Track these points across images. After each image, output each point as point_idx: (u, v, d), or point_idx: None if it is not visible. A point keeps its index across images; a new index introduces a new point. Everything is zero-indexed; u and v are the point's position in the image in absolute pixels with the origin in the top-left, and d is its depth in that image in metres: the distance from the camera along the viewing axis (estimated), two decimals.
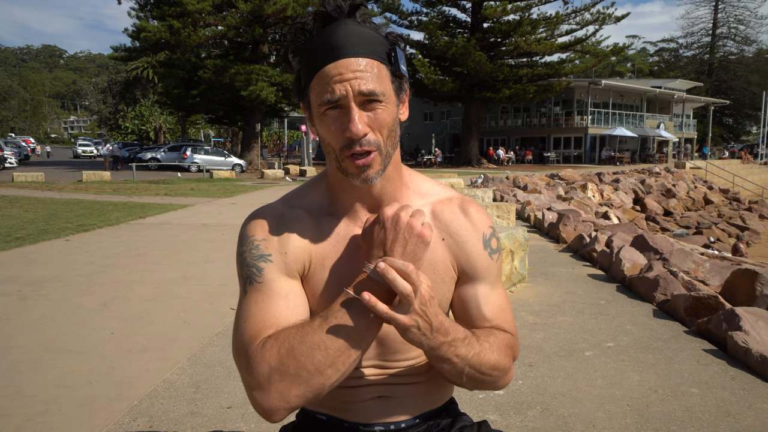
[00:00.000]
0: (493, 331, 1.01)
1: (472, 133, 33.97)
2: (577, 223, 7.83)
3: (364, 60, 0.88)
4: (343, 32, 0.88)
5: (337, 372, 0.87)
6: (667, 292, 4.25)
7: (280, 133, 57.32)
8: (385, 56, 0.91)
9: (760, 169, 34.28)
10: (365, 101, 0.88)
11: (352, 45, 0.88)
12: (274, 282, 0.95)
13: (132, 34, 27.65)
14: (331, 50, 0.88)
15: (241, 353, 0.90)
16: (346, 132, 0.88)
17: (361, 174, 0.91)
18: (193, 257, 6.20)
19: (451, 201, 1.06)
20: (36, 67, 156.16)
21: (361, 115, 0.88)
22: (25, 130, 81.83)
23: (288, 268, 0.96)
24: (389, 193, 1.00)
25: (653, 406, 2.57)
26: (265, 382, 0.86)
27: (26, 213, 10.19)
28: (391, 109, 0.92)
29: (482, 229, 1.05)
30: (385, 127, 0.91)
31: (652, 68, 71.61)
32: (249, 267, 0.96)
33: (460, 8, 32.45)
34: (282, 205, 1.04)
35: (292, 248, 0.97)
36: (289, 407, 0.87)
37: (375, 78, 0.88)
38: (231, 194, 15.05)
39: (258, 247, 0.97)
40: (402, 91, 0.96)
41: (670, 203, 19.03)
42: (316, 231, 1.00)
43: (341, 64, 0.87)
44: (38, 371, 3.00)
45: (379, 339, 1.01)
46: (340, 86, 0.87)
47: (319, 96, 0.89)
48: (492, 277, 1.05)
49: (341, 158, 0.91)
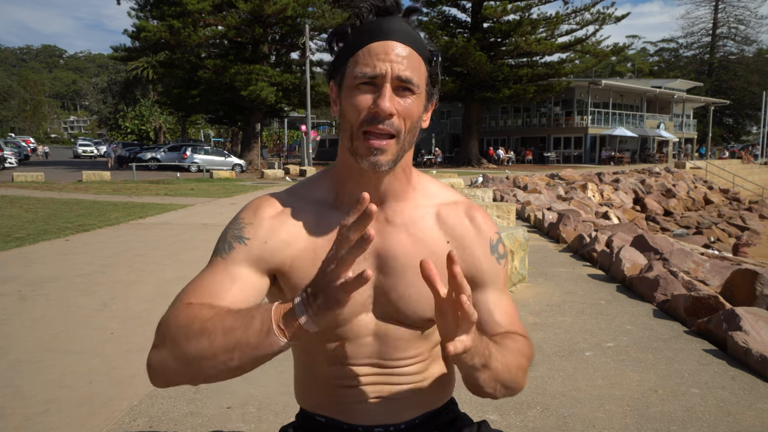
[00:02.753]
0: (508, 335, 1.01)
1: (472, 133, 33.97)
2: (577, 223, 7.83)
3: (410, 49, 0.91)
4: (397, 22, 0.92)
5: (213, 368, 0.81)
6: (667, 292, 4.25)
7: (280, 133, 57.33)
8: (426, 57, 0.94)
9: (760, 169, 34.30)
10: (400, 87, 0.90)
11: (404, 34, 0.91)
12: (236, 263, 0.94)
13: (132, 34, 27.69)
14: (383, 31, 0.90)
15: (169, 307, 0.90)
16: (373, 107, 0.89)
17: (370, 156, 0.91)
18: (193, 257, 6.20)
19: (457, 205, 1.05)
20: (36, 67, 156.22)
21: (392, 97, 0.89)
22: (25, 130, 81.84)
23: (260, 258, 0.95)
24: (395, 191, 1.00)
25: (653, 406, 2.57)
26: (160, 340, 0.86)
27: (26, 213, 10.18)
28: (419, 105, 0.93)
29: (489, 234, 1.05)
30: (410, 119, 0.92)
31: (652, 68, 71.62)
32: (223, 242, 0.98)
33: (460, 8, 32.46)
34: (286, 195, 1.04)
35: (276, 241, 0.97)
36: (165, 379, 0.85)
37: (414, 69, 0.91)
38: (231, 194, 15.05)
39: (242, 228, 0.98)
40: (431, 99, 0.97)
41: (670, 203, 19.02)
42: (313, 224, 0.99)
43: (389, 45, 0.89)
44: (38, 371, 3.00)
45: (377, 337, 1.00)
46: (382, 64, 0.88)
47: (358, 68, 0.90)
48: (500, 282, 1.05)
49: (356, 135, 0.91)
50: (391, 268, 0.98)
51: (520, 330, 1.04)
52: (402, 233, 1.00)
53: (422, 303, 0.99)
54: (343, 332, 0.99)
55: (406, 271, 0.98)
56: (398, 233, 0.99)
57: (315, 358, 1.04)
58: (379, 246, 0.99)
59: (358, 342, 1.00)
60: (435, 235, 1.01)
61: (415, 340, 1.03)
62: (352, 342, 1.00)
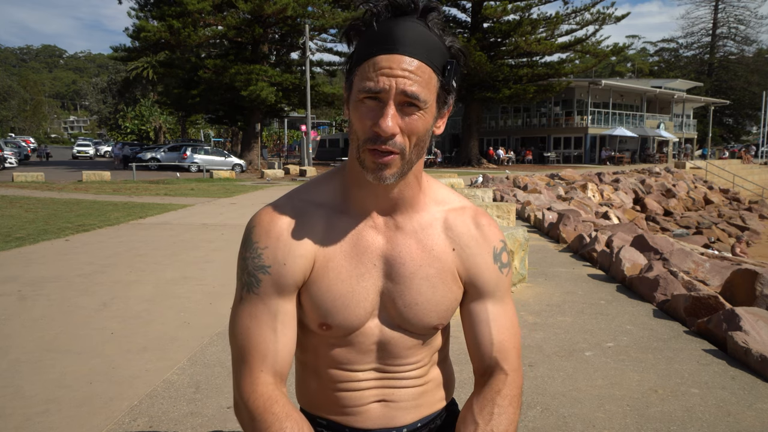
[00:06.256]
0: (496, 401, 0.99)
1: (472, 133, 33.97)
2: (577, 223, 7.83)
3: (418, 62, 0.86)
4: (407, 29, 0.86)
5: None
6: (667, 292, 4.25)
7: (280, 133, 57.31)
8: (440, 66, 0.89)
9: (760, 169, 34.29)
10: (405, 102, 0.86)
11: (412, 44, 0.86)
12: (269, 297, 0.97)
13: (132, 34, 27.68)
14: (389, 42, 0.86)
15: (236, 386, 0.98)
16: (375, 126, 0.86)
17: (376, 171, 0.89)
18: (193, 257, 6.20)
19: (465, 211, 1.05)
20: (36, 67, 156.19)
21: (395, 115, 0.86)
22: (25, 130, 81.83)
23: (283, 283, 0.97)
24: (407, 198, 0.98)
25: (653, 406, 2.57)
26: (239, 417, 0.99)
27: (26, 213, 10.18)
28: (427, 119, 0.89)
29: (493, 242, 1.04)
30: (415, 135, 0.88)
31: (652, 68, 71.61)
32: (249, 275, 0.98)
33: (460, 8, 32.46)
34: (292, 201, 1.01)
35: (293, 258, 0.97)
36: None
37: (422, 83, 0.86)
38: (231, 194, 15.05)
39: (260, 256, 0.97)
40: (445, 106, 0.94)
41: (670, 203, 19.02)
42: (324, 230, 0.99)
43: (394, 59, 0.85)
44: (38, 371, 3.00)
45: (381, 344, 1.01)
46: (386, 80, 0.85)
47: (363, 82, 0.87)
48: (501, 291, 1.04)
49: (362, 149, 0.89)
50: (399, 275, 0.98)
51: (511, 358, 1.02)
52: (411, 239, 0.99)
53: (429, 311, 0.99)
54: (349, 339, 1.00)
55: (413, 278, 0.98)
56: (407, 239, 0.99)
57: (318, 362, 1.04)
58: (388, 253, 0.99)
59: (362, 348, 1.01)
60: (442, 242, 1.01)
61: (417, 347, 1.03)
62: (357, 348, 1.01)
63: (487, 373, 1.02)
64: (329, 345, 1.01)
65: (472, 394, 1.03)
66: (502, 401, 0.98)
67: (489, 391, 0.99)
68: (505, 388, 0.99)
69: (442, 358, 1.12)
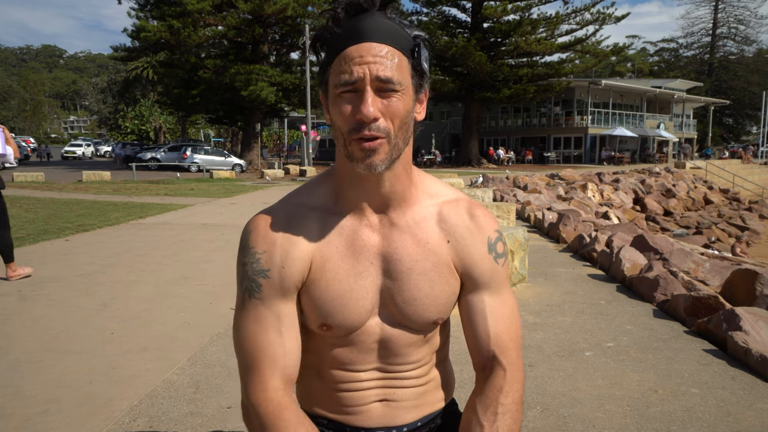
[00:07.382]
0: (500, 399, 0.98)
1: (472, 133, 33.97)
2: (577, 223, 7.83)
3: (386, 47, 0.88)
4: (370, 20, 0.89)
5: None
6: (667, 292, 4.25)
7: (280, 133, 57.33)
8: (408, 49, 0.91)
9: (760, 169, 34.29)
10: (381, 88, 0.88)
11: (377, 32, 0.88)
12: (271, 300, 0.97)
13: (132, 34, 27.71)
14: (356, 34, 0.88)
15: (244, 392, 0.98)
16: (357, 114, 0.87)
17: (366, 158, 0.89)
18: (193, 257, 6.20)
19: (459, 203, 1.04)
20: (36, 67, 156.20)
21: (374, 100, 0.87)
22: (25, 130, 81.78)
23: (283, 284, 0.97)
24: (399, 192, 0.99)
25: (653, 406, 2.57)
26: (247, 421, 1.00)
27: (26, 213, 10.18)
28: (407, 101, 0.91)
29: (488, 232, 1.03)
30: (398, 117, 0.89)
31: (652, 68, 71.62)
32: (249, 281, 0.98)
33: (460, 8, 32.45)
34: (285, 206, 1.02)
35: (291, 260, 0.97)
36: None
37: (394, 67, 0.88)
38: (231, 194, 15.05)
39: (258, 261, 0.98)
40: (421, 90, 0.95)
41: (670, 203, 19.02)
42: (319, 231, 0.99)
43: (363, 48, 0.87)
44: (38, 371, 3.00)
45: (381, 343, 1.01)
46: (359, 68, 0.86)
47: (337, 76, 0.88)
48: (497, 282, 1.03)
49: (348, 141, 0.90)
50: (397, 271, 0.98)
51: (510, 350, 1.01)
52: (406, 234, 0.99)
53: (428, 306, 0.99)
54: (350, 338, 1.00)
55: (411, 274, 0.98)
56: (402, 235, 0.99)
57: (321, 363, 1.04)
58: (384, 250, 0.99)
59: (363, 347, 1.01)
60: (436, 235, 1.01)
61: (417, 345, 1.03)
62: (358, 347, 1.01)
63: (486, 368, 1.02)
64: (331, 346, 1.01)
65: (474, 393, 1.03)
66: (505, 399, 0.98)
67: (491, 390, 0.99)
68: (506, 386, 0.99)
69: (443, 358, 1.12)
